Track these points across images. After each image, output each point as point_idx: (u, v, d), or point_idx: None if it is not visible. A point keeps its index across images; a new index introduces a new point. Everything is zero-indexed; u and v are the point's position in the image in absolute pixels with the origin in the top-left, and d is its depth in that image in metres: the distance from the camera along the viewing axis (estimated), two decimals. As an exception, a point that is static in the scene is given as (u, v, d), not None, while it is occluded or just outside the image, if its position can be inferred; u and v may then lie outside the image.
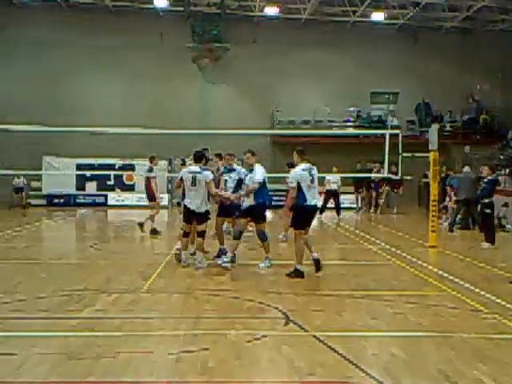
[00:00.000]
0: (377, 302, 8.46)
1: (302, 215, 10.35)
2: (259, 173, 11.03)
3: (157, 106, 28.45)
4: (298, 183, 10.18)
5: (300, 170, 10.36)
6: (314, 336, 6.74)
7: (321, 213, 22.06)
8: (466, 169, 18.64)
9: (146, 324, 7.32)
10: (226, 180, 11.95)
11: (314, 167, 10.56)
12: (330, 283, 9.98)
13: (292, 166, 11.61)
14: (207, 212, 11.10)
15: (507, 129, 28.01)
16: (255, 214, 10.98)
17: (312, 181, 10.30)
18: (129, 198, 28.07)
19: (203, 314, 7.69)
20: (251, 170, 11.19)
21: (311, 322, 7.28)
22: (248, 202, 11.00)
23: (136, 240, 15.98)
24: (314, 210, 10.56)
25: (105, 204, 28.16)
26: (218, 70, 29.49)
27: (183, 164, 17.86)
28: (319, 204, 11.06)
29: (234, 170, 11.99)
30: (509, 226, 18.00)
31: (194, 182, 10.93)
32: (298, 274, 10.17)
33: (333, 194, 22.53)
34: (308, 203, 10.21)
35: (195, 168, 11.09)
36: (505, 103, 28.92)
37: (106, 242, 15.89)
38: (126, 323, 7.29)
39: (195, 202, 10.91)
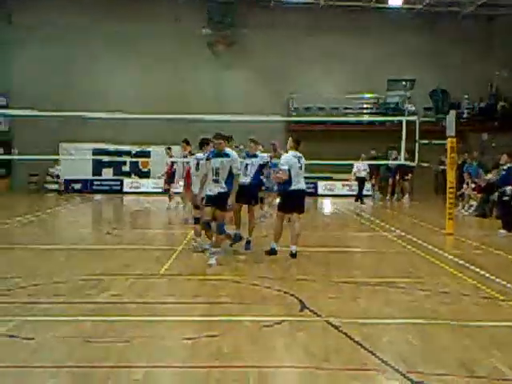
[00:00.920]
0: (393, 290, 8.43)
1: (286, 198, 10.99)
2: (283, 160, 11.03)
3: (172, 92, 28.44)
4: (289, 168, 10.72)
5: (291, 156, 10.85)
6: (330, 322, 6.72)
7: (357, 200, 22.07)
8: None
9: (161, 309, 7.35)
10: (246, 165, 11.81)
11: (302, 156, 11.06)
12: (346, 270, 9.95)
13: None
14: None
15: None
16: (220, 202, 10.10)
17: (300, 168, 10.88)
18: (144, 184, 28.18)
19: (218, 300, 7.70)
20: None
21: (327, 309, 7.27)
22: (219, 188, 10.19)
23: (152, 226, 16.03)
24: (298, 193, 10.92)
25: (120, 191, 28.30)
26: (233, 56, 29.41)
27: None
28: (305, 188, 11.10)
29: (256, 155, 11.96)
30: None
31: (197, 167, 11.52)
32: (272, 251, 10.83)
33: (362, 181, 22.53)
34: (293, 188, 10.75)
35: (199, 155, 11.50)
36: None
37: (122, 228, 15.97)
38: (141, 308, 7.33)
39: (197, 187, 11.12)
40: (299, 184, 10.86)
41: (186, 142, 15.98)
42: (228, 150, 10.38)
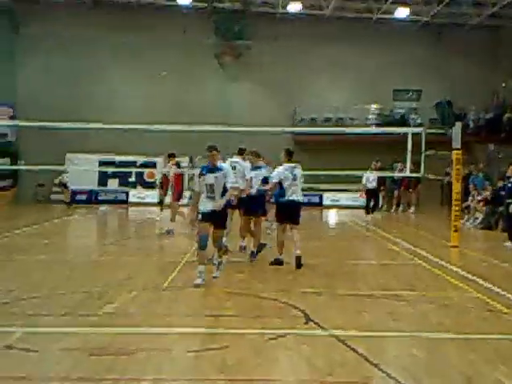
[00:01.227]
0: (398, 302, 8.40)
1: (280, 209, 11.22)
2: (273, 173, 11.31)
3: (179, 102, 28.56)
4: (280, 180, 10.98)
5: (283, 169, 11.07)
6: (334, 335, 6.70)
7: (368, 213, 21.80)
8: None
9: (165, 321, 7.34)
10: (251, 177, 11.87)
11: (298, 166, 11.25)
12: (351, 283, 9.94)
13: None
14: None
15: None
16: (218, 219, 9.54)
17: (294, 179, 11.03)
18: (149, 195, 28.22)
19: (223, 312, 7.69)
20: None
21: (331, 322, 7.25)
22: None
23: (156, 238, 16.04)
24: (291, 204, 11.07)
25: (126, 201, 28.34)
26: (240, 67, 29.53)
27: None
28: (300, 199, 11.18)
29: (261, 167, 12.05)
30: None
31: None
32: (277, 262, 10.99)
33: (372, 193, 22.13)
34: (286, 198, 10.98)
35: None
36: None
37: (126, 239, 15.98)
38: (145, 320, 7.32)
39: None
40: (293, 195, 11.03)
41: (171, 155, 16.25)
42: (221, 163, 10.01)
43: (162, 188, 16.84)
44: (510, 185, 14.85)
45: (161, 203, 17.45)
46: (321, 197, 27.99)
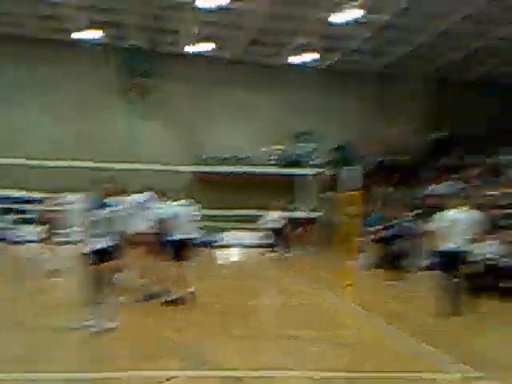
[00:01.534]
0: (295, 342, 8.50)
1: (173, 247, 11.26)
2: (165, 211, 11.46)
3: (85, 137, 28.17)
4: (173, 218, 11.21)
5: (173, 207, 11.40)
6: (230, 376, 6.70)
7: (269, 252, 21.92)
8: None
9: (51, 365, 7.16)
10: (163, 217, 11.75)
11: (193, 203, 11.60)
12: (248, 322, 10.00)
13: None
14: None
15: (422, 170, 29.08)
16: (109, 255, 9.01)
17: (187, 216, 11.32)
18: (32, 232, 26.27)
19: (113, 353, 7.59)
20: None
21: (227, 362, 7.26)
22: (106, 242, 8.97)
23: (41, 277, 15.11)
24: (179, 242, 11.24)
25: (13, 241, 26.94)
26: (147, 105, 29.54)
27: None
28: (187, 236, 11.33)
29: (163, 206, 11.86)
30: (414, 264, 18.57)
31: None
32: (171, 301, 10.93)
33: (277, 232, 22.28)
34: (174, 237, 11.18)
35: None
36: (421, 145, 30.18)
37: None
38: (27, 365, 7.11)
39: None
40: (182, 233, 11.21)
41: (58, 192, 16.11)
42: (114, 198, 9.28)
43: (45, 224, 16.37)
44: (399, 225, 15.58)
45: (42, 240, 16.85)
46: (222, 235, 28.11)
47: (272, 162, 29.44)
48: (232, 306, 11.40)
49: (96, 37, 28.53)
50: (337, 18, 19.81)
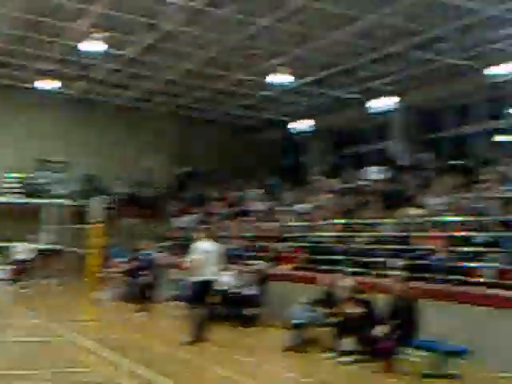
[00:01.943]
0: (20, 382, 8.02)
1: None
2: None
3: None
4: None
5: None
6: None
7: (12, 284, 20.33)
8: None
9: None
10: None
11: None
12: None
13: None
14: None
15: (168, 204, 29.73)
16: None
17: None
18: None
19: None
20: None
21: None
22: None
23: None
24: None
25: None
26: None
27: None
28: None
29: None
30: (164, 296, 18.84)
31: None
32: None
33: (24, 264, 20.69)
34: None
35: None
36: (166, 179, 30.89)
37: None
38: None
39: None
40: None
41: None
42: None
43: None
44: (144, 257, 15.70)
45: None
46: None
47: (16, 191, 27.74)
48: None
49: None
50: (84, 46, 19.48)
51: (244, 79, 23.84)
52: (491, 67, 18.42)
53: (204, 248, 11.89)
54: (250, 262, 16.88)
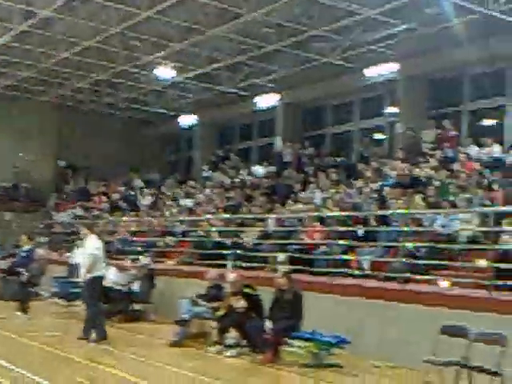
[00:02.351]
0: None
1: None
2: None
3: None
4: None
5: None
6: None
7: None
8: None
9: None
10: None
11: None
12: None
13: None
14: None
15: (49, 197, 28.70)
16: None
17: None
18: None
19: None
20: None
21: None
22: None
23: None
24: None
25: None
26: None
27: None
28: None
29: None
30: (44, 294, 18.26)
31: None
32: None
33: None
34: None
35: None
36: (47, 172, 29.76)
37: None
38: None
39: None
40: None
41: None
42: None
43: None
44: (22, 254, 15.11)
45: None
46: None
47: None
48: None
49: None
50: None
51: (128, 71, 23.44)
52: (370, 68, 19.29)
53: (94, 244, 11.65)
54: (135, 257, 16.67)
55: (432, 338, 7.96)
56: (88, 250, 11.62)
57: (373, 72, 19.42)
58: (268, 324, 9.98)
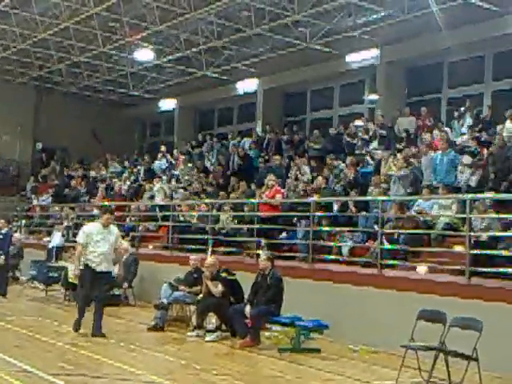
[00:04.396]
0: None
1: None
2: None
3: None
4: None
5: None
6: None
7: None
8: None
9: None
10: None
11: None
12: None
13: None
14: None
15: (26, 180, 28.40)
16: None
17: None
18: None
19: None
20: None
21: None
22: None
23: None
24: None
25: None
26: None
27: None
28: None
29: None
30: (22, 277, 18.15)
31: None
32: None
33: None
34: None
35: None
36: (24, 155, 29.43)
37: None
38: None
39: None
40: None
41: None
42: None
43: None
44: (0, 236, 14.97)
45: None
46: None
47: None
48: None
49: None
50: None
51: (107, 53, 23.21)
52: (351, 54, 19.32)
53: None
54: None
55: (410, 323, 8.06)
56: (117, 239, 10.86)
57: (353, 58, 19.45)
58: (248, 309, 10.02)
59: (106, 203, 17.66)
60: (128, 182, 21.82)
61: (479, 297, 8.81)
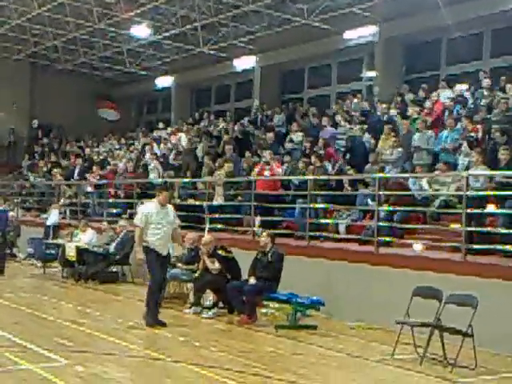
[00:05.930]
0: None
1: None
2: None
3: None
4: None
5: None
6: None
7: None
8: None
9: None
10: None
11: None
12: None
13: None
14: None
15: (22, 158, 28.29)
16: None
17: None
18: None
19: None
20: None
21: None
22: None
23: None
24: None
25: None
26: None
27: None
28: None
29: None
30: (20, 255, 18.21)
31: None
32: None
33: None
34: None
35: None
36: (20, 132, 29.33)
37: None
38: None
39: None
40: None
41: None
42: None
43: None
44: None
45: None
46: None
47: None
48: None
49: None
50: None
51: (103, 30, 23.03)
52: (348, 30, 19.19)
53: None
54: (113, 219, 16.57)
55: (406, 299, 8.11)
56: (175, 219, 10.19)
57: (351, 35, 19.32)
58: (252, 280, 10.02)
59: (160, 180, 16.65)
60: (124, 160, 21.69)
61: (475, 274, 8.87)
